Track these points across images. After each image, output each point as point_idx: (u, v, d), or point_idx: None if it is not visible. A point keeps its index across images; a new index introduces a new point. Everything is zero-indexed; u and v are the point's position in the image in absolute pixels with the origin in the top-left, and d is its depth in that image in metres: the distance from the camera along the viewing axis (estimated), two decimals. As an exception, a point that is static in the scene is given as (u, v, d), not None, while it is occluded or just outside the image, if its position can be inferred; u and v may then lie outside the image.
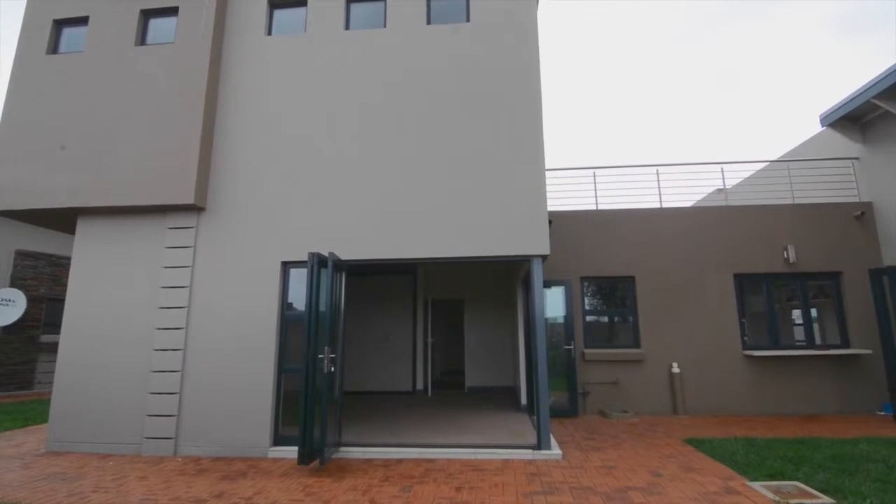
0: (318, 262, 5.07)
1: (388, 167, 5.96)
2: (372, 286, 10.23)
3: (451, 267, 10.46)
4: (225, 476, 4.70)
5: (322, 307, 5.05)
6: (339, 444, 5.36)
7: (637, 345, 7.97)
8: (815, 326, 8.34)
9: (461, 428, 6.31)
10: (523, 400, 7.62)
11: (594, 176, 8.75)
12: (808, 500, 3.75)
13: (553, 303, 7.88)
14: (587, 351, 7.92)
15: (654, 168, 8.78)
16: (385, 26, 6.44)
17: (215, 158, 6.24)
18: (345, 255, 5.63)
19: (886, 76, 7.34)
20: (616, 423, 6.97)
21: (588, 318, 8.28)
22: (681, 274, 8.10)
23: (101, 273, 6.07)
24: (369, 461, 5.12)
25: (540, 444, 5.25)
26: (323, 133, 6.16)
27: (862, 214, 8.17)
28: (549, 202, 5.83)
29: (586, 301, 8.34)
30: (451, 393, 9.85)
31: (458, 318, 11.17)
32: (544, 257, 5.67)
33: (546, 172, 5.86)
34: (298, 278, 5.81)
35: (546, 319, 7.60)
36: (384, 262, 5.85)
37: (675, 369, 7.70)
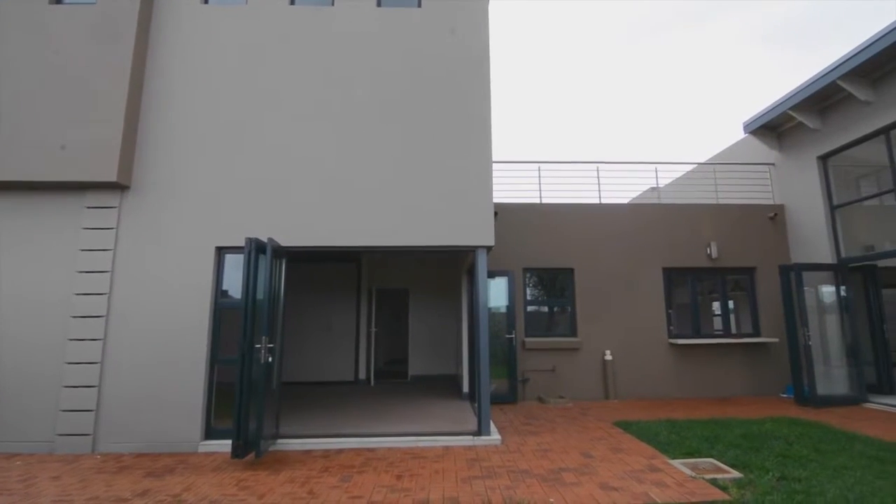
0: (255, 248, 4.85)
1: (332, 151, 5.78)
2: (315, 274, 9.95)
3: (396, 256, 10.39)
4: (150, 473, 4.43)
5: (260, 295, 4.84)
6: (277, 437, 5.20)
7: (574, 333, 8.32)
8: (732, 317, 9.10)
9: (403, 417, 6.33)
10: (465, 388, 7.75)
11: (539, 170, 8.98)
12: (720, 475, 4.10)
13: (496, 293, 8.05)
14: (528, 339, 8.17)
15: (595, 165, 9.14)
16: (333, 4, 6.20)
17: (143, 133, 5.78)
18: (285, 241, 5.42)
19: (801, 90, 8.05)
20: (552, 409, 7.26)
21: (529, 308, 8.53)
22: (616, 267, 8.53)
23: (5, 254, 5.47)
24: (308, 452, 5.01)
25: (480, 431, 5.37)
26: (264, 112, 5.86)
27: (775, 216, 8.98)
28: (494, 194, 5.91)
29: (528, 291, 8.58)
30: (394, 382, 9.84)
31: (403, 308, 11.13)
32: (489, 248, 5.76)
33: (493, 165, 5.94)
34: (234, 264, 5.54)
35: (489, 309, 7.73)
36: (327, 250, 5.70)
37: (608, 357, 8.13)
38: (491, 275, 7.82)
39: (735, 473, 4.14)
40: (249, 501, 3.70)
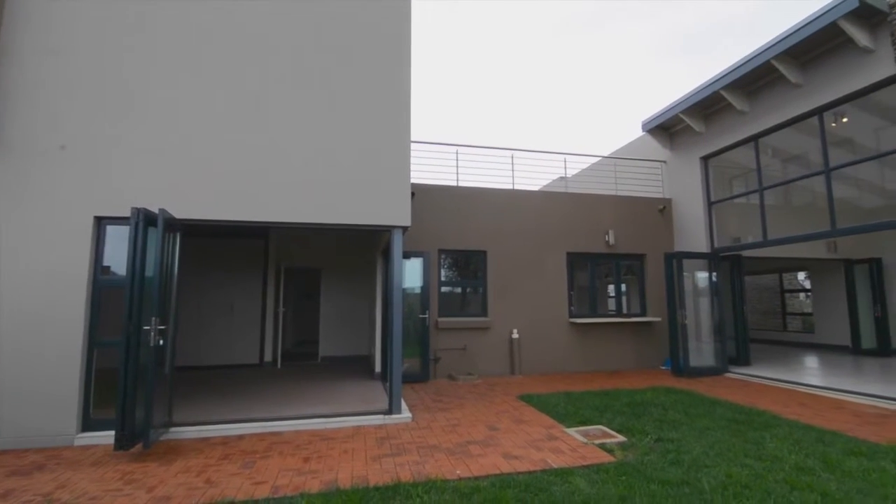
0: (144, 220, 4.36)
1: (239, 119, 5.32)
2: (217, 250, 9.23)
3: (308, 234, 9.96)
4: (14, 471, 3.87)
5: (149, 272, 4.38)
6: (170, 425, 4.80)
7: (485, 313, 8.64)
8: (624, 299, 10.02)
9: (312, 398, 6.16)
10: (378, 368, 7.73)
11: (457, 153, 9.06)
12: (608, 440, 4.54)
13: (412, 273, 8.07)
14: (441, 319, 8.33)
15: (510, 152, 9.44)
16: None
17: (1, 81, 4.87)
18: (181, 212, 4.93)
19: (691, 96, 8.92)
20: (462, 386, 7.52)
21: (443, 289, 8.68)
22: (525, 250, 8.95)
23: None
24: (206, 440, 4.70)
25: (391, 409, 5.40)
26: (160, 66, 5.20)
27: (664, 208, 9.96)
28: (412, 174, 5.86)
29: (443, 273, 8.72)
30: (303, 364, 9.53)
31: (314, 288, 10.75)
32: (405, 228, 5.72)
33: (411, 144, 5.87)
34: (119, 237, 4.92)
35: (404, 290, 7.75)
36: (231, 224, 5.27)
37: (515, 335, 8.57)
38: (406, 255, 7.81)
39: (620, 438, 4.60)
40: (137, 496, 3.39)
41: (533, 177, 9.88)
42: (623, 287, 10.07)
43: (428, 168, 8.75)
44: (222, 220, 5.17)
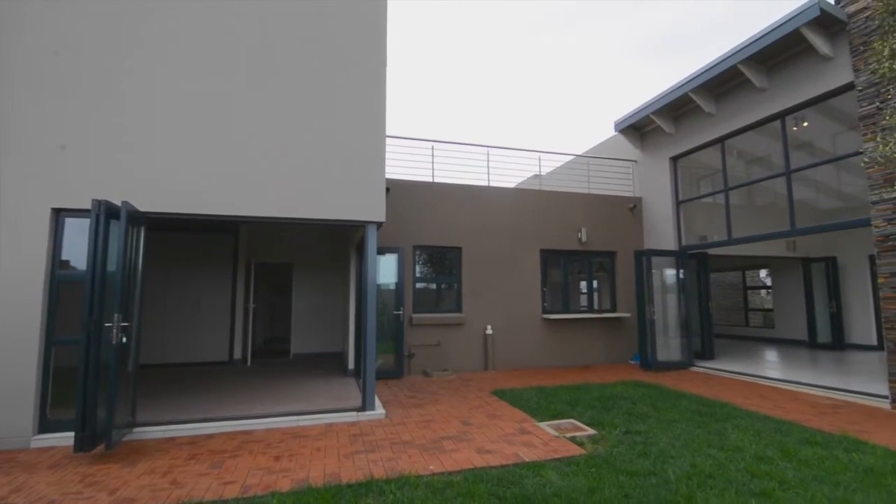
0: (105, 212, 4.19)
1: (210, 109, 5.16)
2: (185, 245, 8.95)
3: (279, 228, 9.77)
4: (-41, 477, 3.67)
5: (111, 267, 4.21)
6: (133, 425, 4.64)
7: (459, 309, 8.67)
8: (595, 295, 10.21)
9: (283, 396, 6.06)
10: (351, 365, 7.66)
11: (432, 149, 9.03)
12: (579, 433, 4.63)
13: (386, 269, 8.02)
14: (415, 316, 8.31)
15: (486, 149, 9.46)
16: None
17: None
18: (145, 205, 4.75)
19: (661, 97, 9.13)
20: (436, 381, 7.53)
21: (418, 285, 8.66)
22: (500, 247, 9.01)
23: None
24: (172, 440, 4.56)
25: (364, 406, 5.37)
26: (123, 55, 4.98)
27: (634, 207, 10.19)
28: (387, 170, 5.81)
29: (418, 269, 8.70)
30: (274, 361, 9.36)
31: (286, 284, 10.56)
32: (380, 224, 5.67)
33: (387, 139, 5.81)
34: (79, 230, 4.71)
35: (378, 286, 7.71)
36: (199, 218, 5.12)
37: (489, 331, 8.63)
38: (381, 251, 7.75)
39: (591, 431, 4.70)
40: (98, 498, 3.26)
41: (508, 174, 9.95)
42: (595, 284, 10.27)
43: (403, 163, 8.71)
44: (189, 214, 5.01)
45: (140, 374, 5.00)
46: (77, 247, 4.74)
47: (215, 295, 9.12)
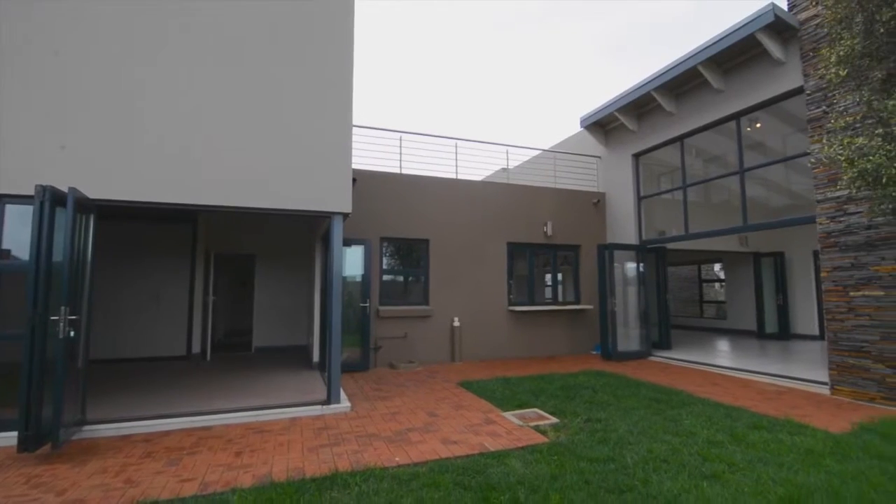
0: (51, 199, 3.94)
1: (167, 93, 4.91)
2: (140, 235, 8.54)
3: (241, 218, 9.47)
4: None
5: (58, 257, 3.97)
6: (84, 423, 4.42)
7: (427, 302, 8.67)
8: (560, 287, 10.44)
9: (245, 390, 5.91)
10: (316, 357, 7.55)
11: (400, 140, 8.95)
12: (542, 422, 4.74)
13: (352, 261, 7.93)
14: (382, 308, 8.25)
15: (454, 141, 9.46)
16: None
17: None
18: (95, 192, 4.50)
19: (625, 95, 9.35)
20: (403, 374, 7.52)
21: (385, 278, 8.60)
22: (467, 240, 9.06)
23: None
24: (126, 438, 4.38)
25: (329, 399, 5.30)
26: (73, 31, 4.68)
27: (598, 202, 10.44)
28: (354, 160, 5.72)
29: (385, 261, 8.63)
30: (235, 355, 9.12)
31: (248, 275, 10.27)
32: (346, 215, 5.58)
33: (353, 129, 5.71)
34: (22, 218, 4.41)
35: (345, 278, 7.60)
36: (153, 207, 4.89)
37: (456, 323, 8.68)
38: (347, 243, 7.64)
39: (553, 419, 4.82)
40: (45, 500, 3.10)
41: (476, 167, 10.01)
42: (559, 276, 10.49)
43: (371, 154, 8.59)
44: (143, 202, 4.77)
45: (92, 370, 4.77)
46: (20, 235, 4.44)
47: (172, 287, 8.77)
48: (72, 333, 4.04)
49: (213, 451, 3.99)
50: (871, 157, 2.84)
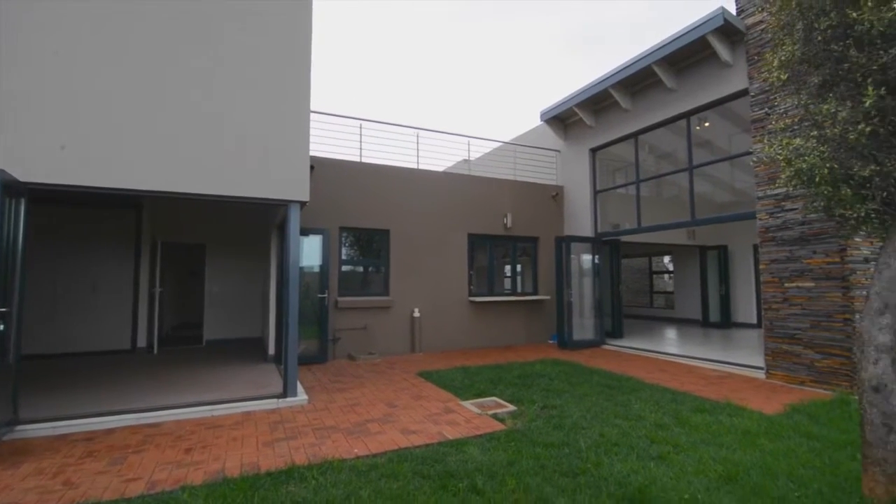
0: (-23, 181, 3.61)
1: (104, 69, 4.58)
2: (79, 222, 8.00)
3: (191, 205, 9.04)
4: None
5: (-16, 243, 3.66)
6: (16, 423, 4.12)
7: (387, 293, 8.61)
8: (519, 279, 10.63)
9: (195, 385, 5.69)
10: (271, 350, 7.35)
11: (361, 128, 8.78)
12: (500, 410, 4.83)
13: (310, 251, 7.75)
14: (340, 299, 8.13)
15: (416, 131, 9.38)
16: None
17: None
18: (27, 175, 4.16)
19: (584, 91, 9.55)
20: (362, 365, 7.46)
21: (344, 268, 8.47)
22: (428, 230, 9.04)
23: None
24: (65, 437, 4.12)
25: (286, 392, 5.19)
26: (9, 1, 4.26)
27: (556, 195, 10.66)
28: (312, 147, 5.56)
29: (344, 251, 8.49)
30: (185, 349, 8.74)
31: (198, 265, 9.84)
32: (303, 203, 5.43)
33: (311, 114, 5.54)
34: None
35: (302, 268, 7.44)
36: (92, 192, 4.57)
37: (417, 314, 8.68)
38: (304, 232, 7.46)
39: (511, 407, 4.92)
40: (-33, 507, 2.87)
41: (438, 158, 9.96)
42: (518, 268, 10.67)
43: (330, 141, 8.38)
44: (81, 186, 4.45)
45: (26, 366, 4.44)
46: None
47: (115, 277, 8.28)
48: (1, 327, 3.74)
49: (162, 449, 3.82)
50: (806, 158, 3.03)
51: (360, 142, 8.75)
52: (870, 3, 2.62)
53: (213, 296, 9.56)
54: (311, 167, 5.48)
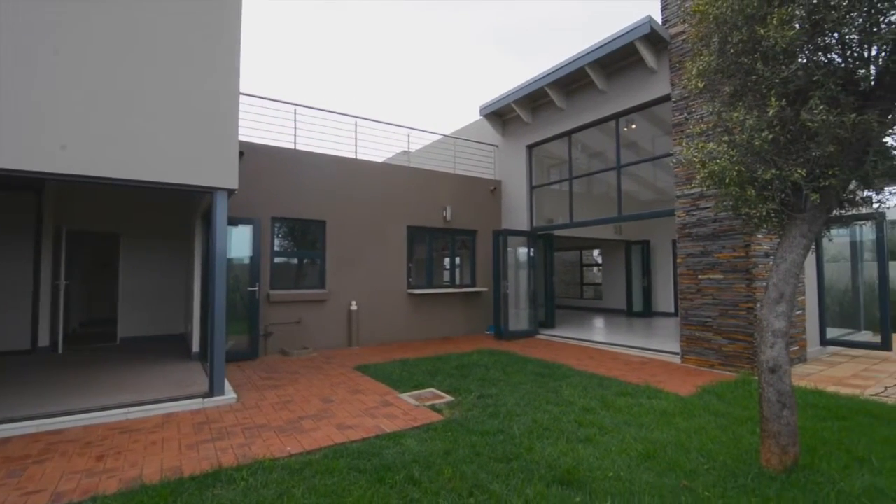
0: None
1: (15, 31, 4.03)
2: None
3: (101, 190, 8.24)
4: None
5: None
6: None
7: (323, 285, 8.37)
8: (457, 271, 10.75)
9: (107, 387, 5.23)
10: (196, 347, 6.91)
11: (295, 113, 8.42)
12: (438, 401, 4.87)
13: (239, 242, 7.34)
14: (273, 292, 7.80)
15: (354, 119, 9.15)
16: None
17: None
18: None
19: (521, 88, 9.77)
20: (296, 360, 7.22)
21: (277, 260, 8.12)
22: (366, 222, 8.88)
23: None
24: (-56, 449, 3.63)
25: (212, 391, 4.90)
26: None
27: (494, 189, 10.87)
28: (241, 131, 5.24)
29: (277, 242, 8.13)
30: (96, 347, 8.00)
31: (111, 256, 9.01)
32: (231, 191, 5.12)
33: (241, 96, 5.22)
34: None
35: (231, 260, 7.05)
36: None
37: (354, 307, 8.52)
38: (233, 222, 7.05)
39: (448, 398, 4.98)
40: None
41: (377, 148, 9.81)
42: (457, 260, 10.79)
43: (261, 126, 7.95)
44: (-32, 165, 3.91)
45: None
46: None
47: (11, 268, 7.39)
48: None
49: (68, 457, 3.48)
50: (718, 161, 3.30)
51: (295, 128, 8.40)
52: (775, 22, 2.89)
53: (129, 290, 8.79)
54: (241, 153, 5.16)
